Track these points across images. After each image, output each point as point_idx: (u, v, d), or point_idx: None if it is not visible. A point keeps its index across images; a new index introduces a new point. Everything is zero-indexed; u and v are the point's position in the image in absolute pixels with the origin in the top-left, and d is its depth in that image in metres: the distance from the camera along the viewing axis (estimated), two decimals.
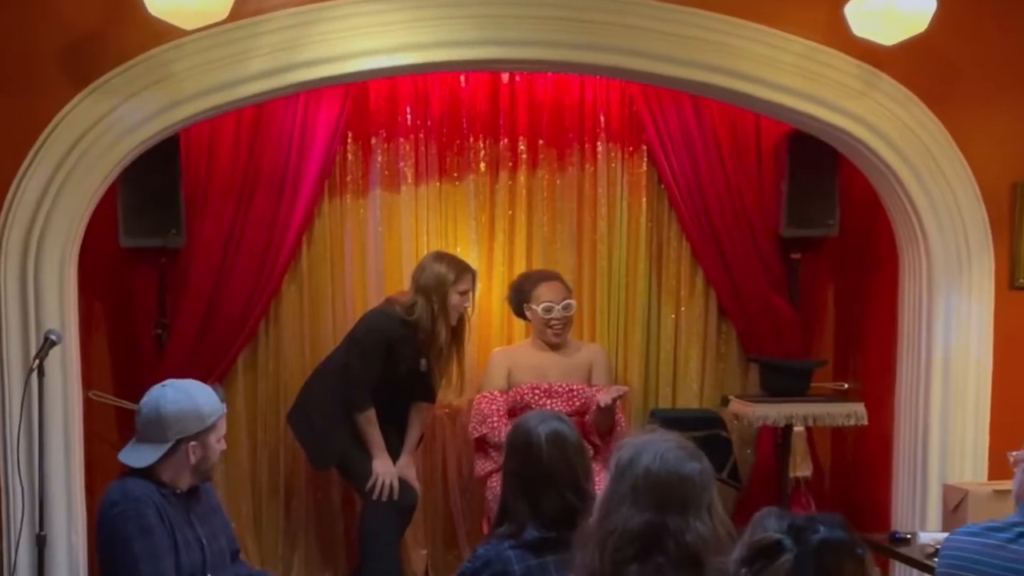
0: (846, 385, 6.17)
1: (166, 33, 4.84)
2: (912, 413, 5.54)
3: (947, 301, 5.41)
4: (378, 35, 5.05)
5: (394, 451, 5.54)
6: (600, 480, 3.46)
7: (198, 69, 4.96)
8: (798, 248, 6.13)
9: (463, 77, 5.99)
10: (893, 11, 4.85)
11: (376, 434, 5.46)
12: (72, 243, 5.02)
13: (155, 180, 5.48)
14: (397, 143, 6.00)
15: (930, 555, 4.31)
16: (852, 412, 5.74)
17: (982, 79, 5.37)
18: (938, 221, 5.39)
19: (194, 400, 3.78)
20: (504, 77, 6.02)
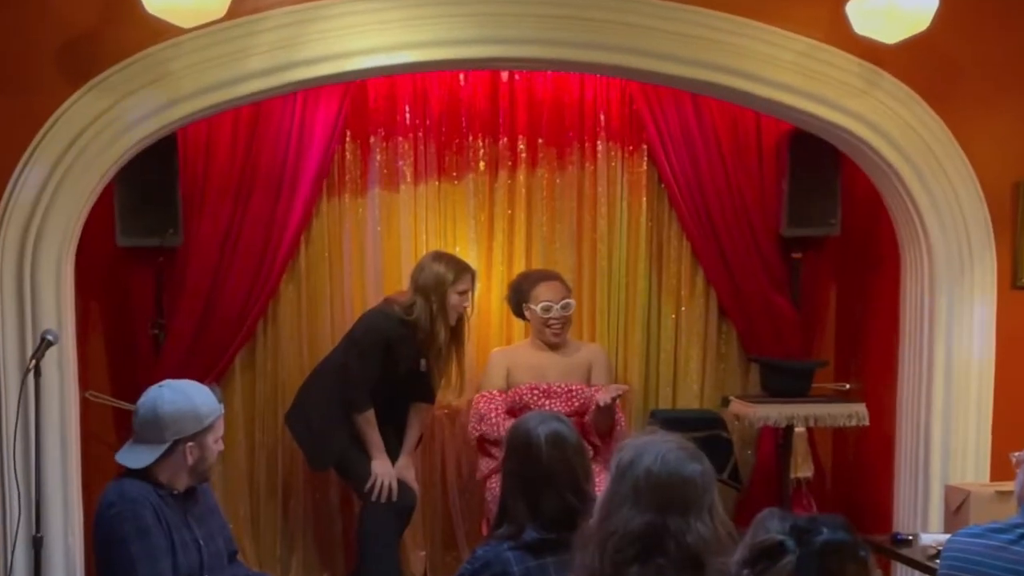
0: (847, 385, 6.16)
1: (164, 31, 4.84)
2: (914, 413, 5.54)
3: (949, 301, 5.40)
4: (376, 33, 5.04)
5: (393, 452, 5.54)
6: (600, 481, 3.46)
7: (196, 67, 4.96)
8: (799, 247, 6.13)
9: (462, 76, 5.99)
10: (895, 9, 4.85)
11: (375, 435, 5.46)
12: (69, 242, 5.02)
13: (152, 179, 5.48)
14: (396, 142, 6.00)
15: (932, 557, 4.31)
16: (853, 413, 5.73)
17: (984, 78, 5.37)
18: (940, 220, 5.39)
19: (191, 401, 3.79)
20: (503, 75, 6.02)
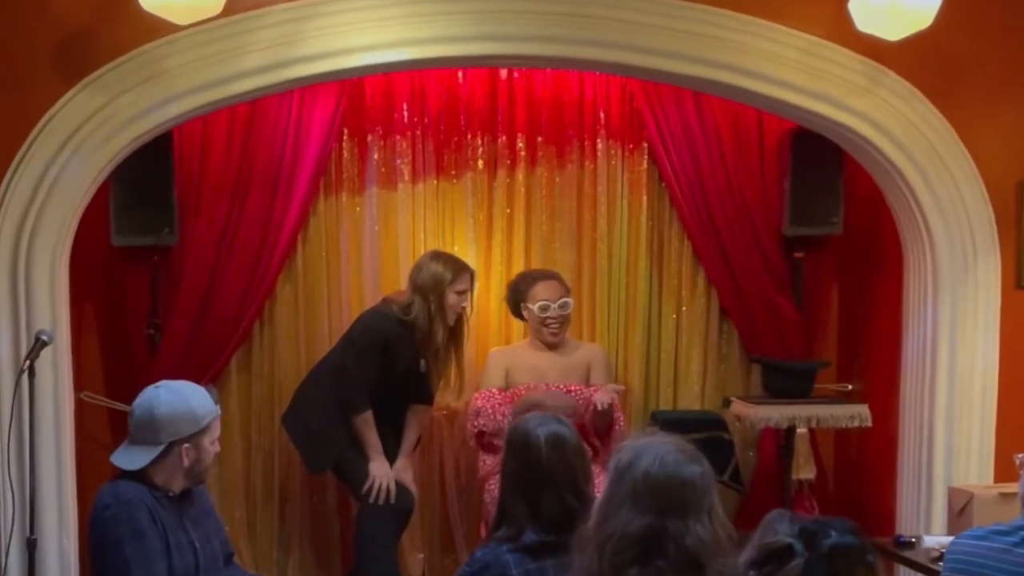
0: (850, 386, 6.16)
1: (159, 28, 4.84)
2: (917, 415, 5.54)
3: (952, 301, 5.40)
4: (374, 31, 5.05)
5: (391, 453, 5.54)
6: (600, 482, 3.46)
7: (191, 65, 4.97)
8: (801, 247, 6.13)
9: (461, 73, 5.99)
10: (898, 6, 4.84)
11: (373, 436, 5.46)
12: (63, 242, 5.02)
13: (148, 178, 5.48)
14: (394, 140, 6.00)
15: (935, 559, 4.31)
16: (856, 414, 5.73)
17: (988, 75, 5.37)
18: (943, 219, 5.39)
19: (188, 402, 3.78)
20: (502, 73, 6.01)
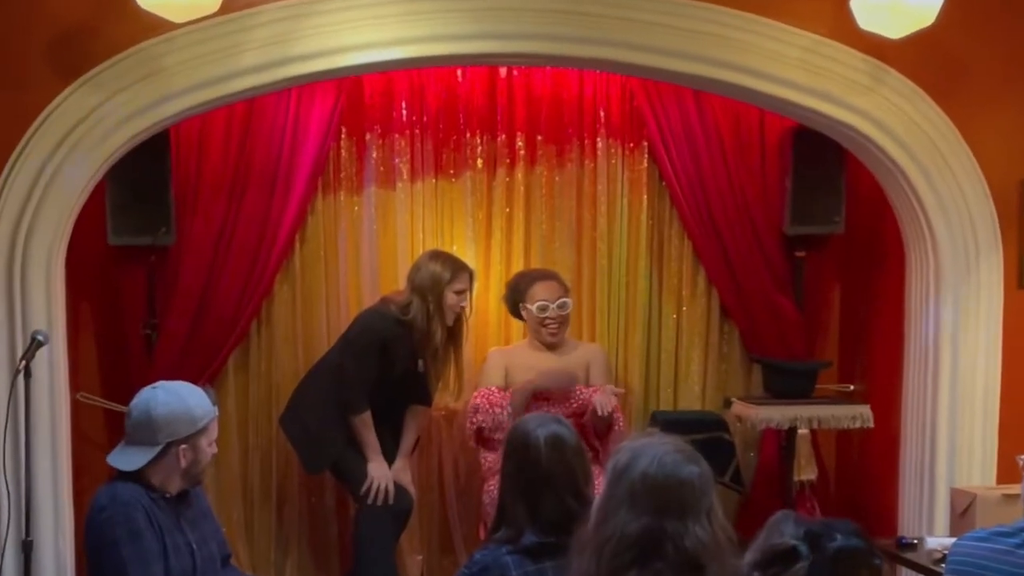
0: (852, 387, 6.16)
1: (156, 26, 4.84)
2: (919, 415, 5.54)
3: (955, 300, 5.40)
4: (373, 28, 5.04)
5: (389, 454, 5.54)
6: (600, 484, 3.46)
7: (189, 63, 4.96)
8: (802, 246, 6.13)
9: (460, 71, 5.99)
10: (900, 4, 4.84)
11: (371, 437, 5.46)
12: (59, 241, 5.02)
13: (144, 176, 5.48)
14: (392, 139, 6.00)
15: (937, 561, 4.32)
16: (858, 414, 5.73)
17: (991, 74, 5.37)
18: (946, 219, 5.39)
19: (185, 402, 3.78)
20: (502, 71, 6.02)
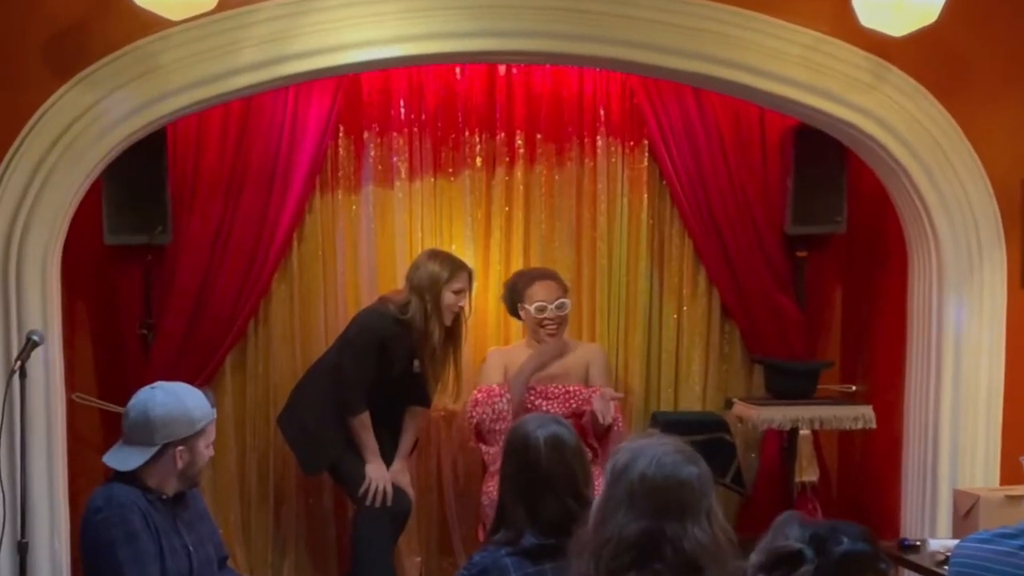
0: (853, 387, 6.16)
1: (153, 24, 4.84)
2: (922, 416, 5.54)
3: (958, 300, 5.40)
4: (371, 26, 5.04)
5: (387, 456, 5.54)
6: (599, 485, 3.46)
7: (185, 61, 4.96)
8: (804, 246, 6.13)
9: (458, 69, 5.98)
10: (902, 1, 4.83)
11: (370, 438, 5.46)
12: (55, 240, 5.01)
13: (141, 175, 5.48)
14: (390, 137, 6.00)
15: (940, 563, 4.32)
16: (860, 415, 5.74)
17: (994, 71, 5.36)
18: (949, 218, 5.39)
19: (183, 404, 3.79)
20: (501, 69, 6.01)
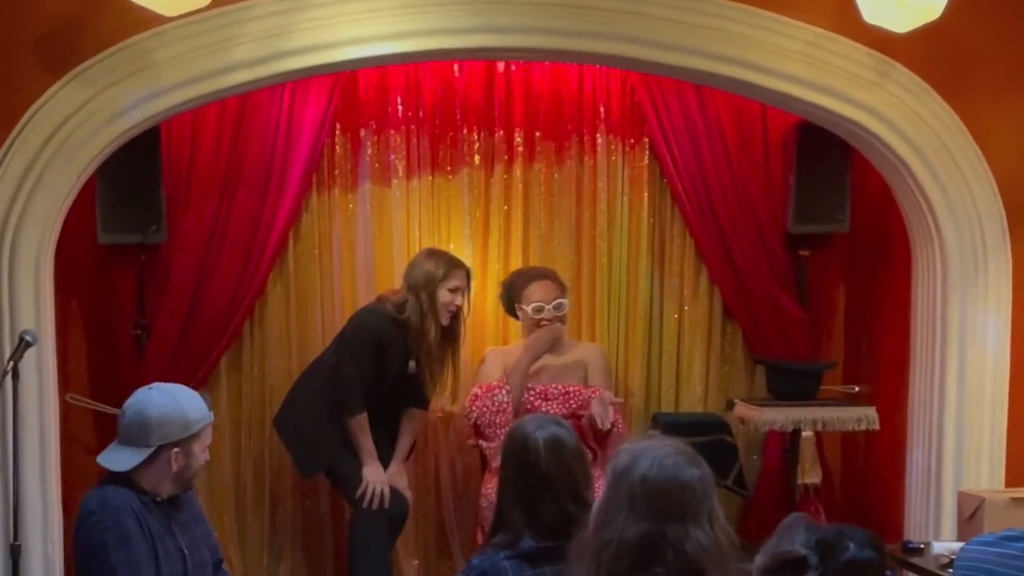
0: (857, 388, 6.16)
1: (147, 20, 4.84)
2: (926, 417, 5.54)
3: (962, 300, 5.40)
4: (368, 22, 5.04)
5: (385, 458, 5.54)
6: (600, 487, 3.46)
7: (180, 57, 4.96)
8: (807, 245, 6.13)
9: (456, 66, 5.98)
10: None
11: (367, 440, 5.46)
12: (48, 240, 5.01)
13: (135, 173, 5.48)
14: (387, 135, 5.99)
15: (944, 565, 4.33)
16: (863, 416, 5.73)
17: (999, 68, 5.37)
18: (953, 217, 5.39)
19: (180, 406, 3.78)
20: (499, 66, 6.01)
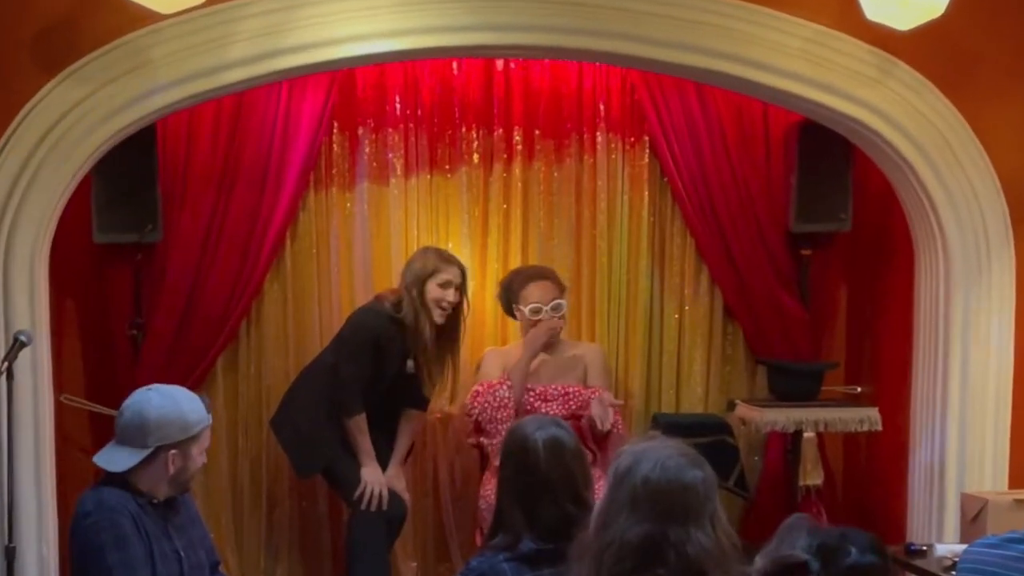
0: (859, 389, 6.16)
1: (143, 17, 4.84)
2: (929, 418, 5.54)
3: (965, 300, 5.40)
4: (366, 19, 5.04)
5: (383, 460, 5.54)
6: (599, 488, 3.47)
7: (176, 55, 4.96)
8: (808, 244, 6.13)
9: (455, 64, 5.98)
10: None
11: (365, 441, 5.46)
12: (43, 239, 5.01)
13: (131, 172, 5.48)
14: (386, 133, 6.00)
15: (947, 568, 4.32)
16: (865, 417, 5.73)
17: (1002, 66, 5.37)
18: (956, 215, 5.39)
19: (180, 407, 3.78)
20: (498, 64, 6.01)
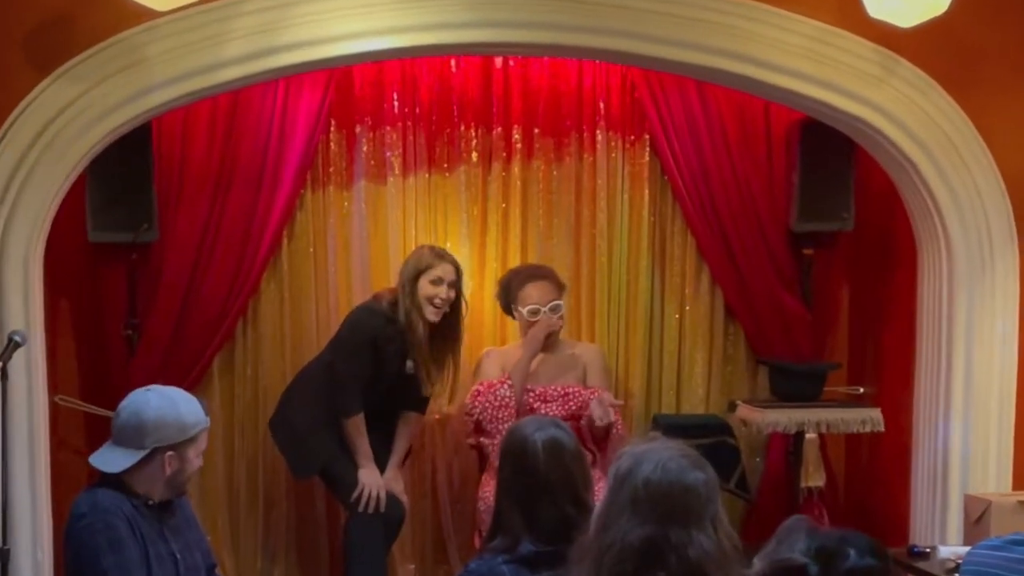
0: (861, 389, 6.16)
1: (138, 15, 4.83)
2: (932, 419, 5.54)
3: (969, 300, 5.40)
4: (363, 17, 5.04)
5: (380, 462, 5.54)
6: (600, 490, 3.46)
7: (172, 53, 4.96)
8: (810, 243, 6.13)
9: (454, 62, 5.98)
10: None
11: (363, 442, 5.45)
12: (37, 238, 5.01)
13: (126, 171, 5.47)
14: (383, 132, 5.99)
15: (951, 570, 4.32)
16: (868, 418, 5.73)
17: (1006, 64, 5.37)
18: (960, 215, 5.39)
19: (177, 409, 3.78)
20: (497, 62, 6.01)
